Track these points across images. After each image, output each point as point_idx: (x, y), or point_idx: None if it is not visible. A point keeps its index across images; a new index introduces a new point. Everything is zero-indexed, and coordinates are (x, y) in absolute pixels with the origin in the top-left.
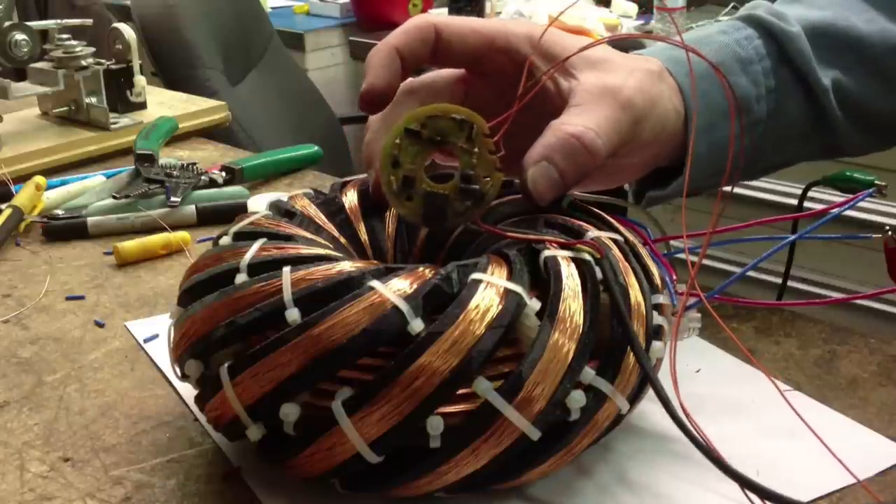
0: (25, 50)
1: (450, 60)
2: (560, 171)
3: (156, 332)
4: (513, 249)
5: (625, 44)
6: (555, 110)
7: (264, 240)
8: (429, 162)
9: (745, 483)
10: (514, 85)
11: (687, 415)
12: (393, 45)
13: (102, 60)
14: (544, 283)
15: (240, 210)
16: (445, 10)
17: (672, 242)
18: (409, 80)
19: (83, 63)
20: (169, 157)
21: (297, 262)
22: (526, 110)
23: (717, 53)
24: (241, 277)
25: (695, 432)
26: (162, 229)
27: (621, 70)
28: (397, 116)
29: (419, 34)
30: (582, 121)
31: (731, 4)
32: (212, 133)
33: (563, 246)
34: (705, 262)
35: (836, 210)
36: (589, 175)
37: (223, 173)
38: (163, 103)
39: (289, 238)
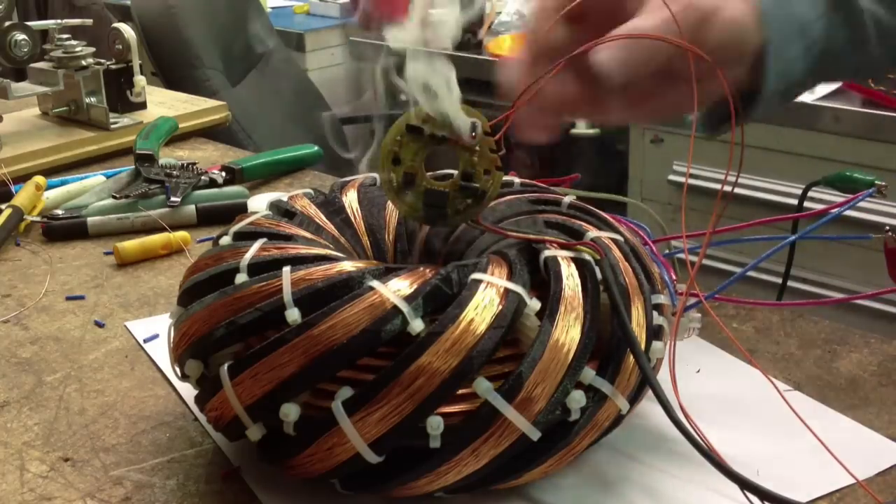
0: (25, 50)
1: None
2: (625, 55)
3: (156, 332)
4: (513, 249)
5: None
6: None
7: (264, 240)
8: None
9: (745, 484)
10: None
11: (686, 415)
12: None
13: (102, 60)
14: (544, 283)
15: (240, 210)
16: None
17: (672, 242)
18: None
19: (83, 63)
20: (169, 157)
21: (297, 262)
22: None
23: None
24: (241, 277)
25: (694, 433)
26: (162, 229)
27: None
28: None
29: None
30: (645, 20)
31: None
32: (212, 133)
33: (563, 246)
34: (705, 262)
35: (836, 210)
36: (651, 63)
37: (223, 173)
38: (163, 103)
39: (289, 238)
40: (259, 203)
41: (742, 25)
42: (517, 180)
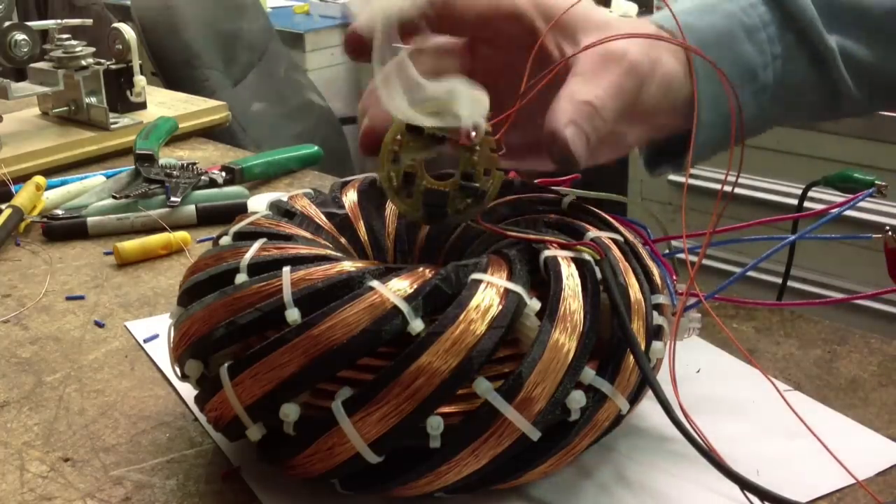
0: (25, 50)
1: (456, 25)
2: (585, 134)
3: (156, 332)
4: (513, 249)
5: None
6: (561, 78)
7: (264, 240)
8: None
9: (744, 484)
10: (522, 51)
11: (686, 416)
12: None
13: (102, 60)
14: (544, 283)
15: (240, 210)
16: None
17: (672, 242)
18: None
19: (83, 63)
20: (169, 157)
21: (297, 262)
22: (530, 79)
23: (723, 21)
24: (241, 277)
25: (694, 433)
26: (162, 229)
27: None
28: None
29: None
30: (590, 89)
31: None
32: (212, 133)
33: (563, 246)
34: (705, 262)
35: (836, 210)
36: (602, 140)
37: (223, 173)
38: (163, 103)
39: (289, 238)
40: (259, 203)
41: (674, 78)
42: (517, 180)
